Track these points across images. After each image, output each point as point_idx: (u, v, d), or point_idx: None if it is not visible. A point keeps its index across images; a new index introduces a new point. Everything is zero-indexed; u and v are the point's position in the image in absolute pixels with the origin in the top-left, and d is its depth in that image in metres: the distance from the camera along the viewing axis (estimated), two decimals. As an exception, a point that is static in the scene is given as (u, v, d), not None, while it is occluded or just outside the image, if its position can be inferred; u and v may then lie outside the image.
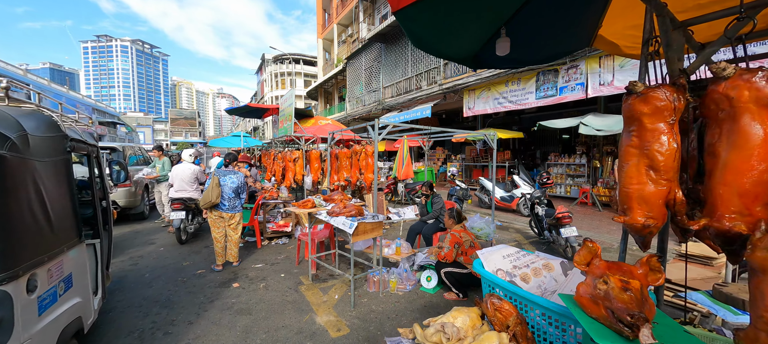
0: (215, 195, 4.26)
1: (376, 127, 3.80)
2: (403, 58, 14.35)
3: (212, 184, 4.29)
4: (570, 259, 4.88)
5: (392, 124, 3.91)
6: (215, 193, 4.27)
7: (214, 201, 4.25)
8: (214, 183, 4.30)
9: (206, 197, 4.25)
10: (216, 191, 4.28)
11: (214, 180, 4.31)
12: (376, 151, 3.79)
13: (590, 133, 7.45)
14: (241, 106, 9.17)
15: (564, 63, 8.16)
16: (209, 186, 4.29)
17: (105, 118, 42.68)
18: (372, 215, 3.46)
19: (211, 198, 4.23)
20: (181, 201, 5.43)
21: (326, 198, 3.86)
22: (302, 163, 6.76)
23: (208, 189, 4.27)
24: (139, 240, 5.94)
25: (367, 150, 3.84)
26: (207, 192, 4.27)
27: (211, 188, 4.26)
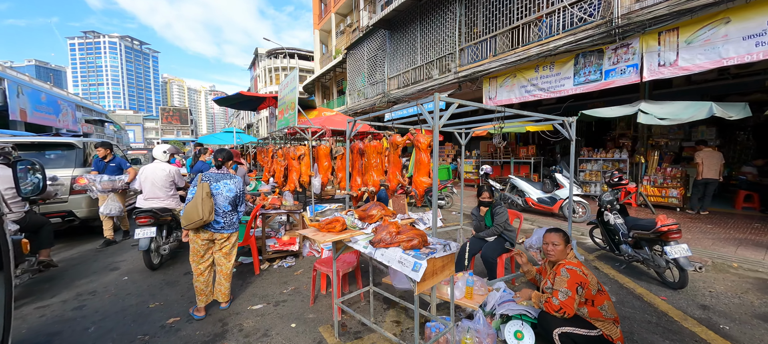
0: (207, 210, 2.87)
1: (437, 106, 2.45)
2: (411, 46, 12.97)
3: (200, 194, 2.88)
4: (677, 287, 3.63)
5: (458, 102, 2.57)
6: (207, 207, 2.87)
7: (206, 218, 2.87)
8: (204, 192, 2.90)
9: (192, 213, 2.84)
10: (207, 204, 2.89)
11: (204, 189, 2.91)
12: (436, 142, 2.46)
13: (652, 122, 6.21)
14: (232, 95, 7.72)
15: (612, 41, 6.90)
16: (196, 198, 2.88)
17: (91, 115, 40.28)
18: (442, 245, 2.12)
19: (202, 214, 2.84)
20: (150, 213, 4.00)
21: (362, 214, 2.51)
22: (308, 160, 5.38)
23: (195, 202, 2.86)
24: (100, 263, 4.50)
25: (419, 141, 2.53)
26: (192, 205, 2.86)
27: (200, 200, 2.86)
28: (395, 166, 3.09)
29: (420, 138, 2.64)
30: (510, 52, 8.91)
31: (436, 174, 2.50)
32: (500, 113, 2.99)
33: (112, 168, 4.91)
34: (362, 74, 16.63)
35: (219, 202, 3.05)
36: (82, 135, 27.09)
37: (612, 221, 4.50)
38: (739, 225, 6.01)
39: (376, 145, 3.39)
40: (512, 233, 3.58)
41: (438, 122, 2.43)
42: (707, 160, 6.78)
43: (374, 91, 15.63)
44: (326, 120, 6.19)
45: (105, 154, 4.96)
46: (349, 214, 2.51)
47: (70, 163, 5.34)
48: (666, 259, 3.70)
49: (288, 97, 6.00)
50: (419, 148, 2.65)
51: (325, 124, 5.73)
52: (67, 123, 23.92)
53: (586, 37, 7.21)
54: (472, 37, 10.53)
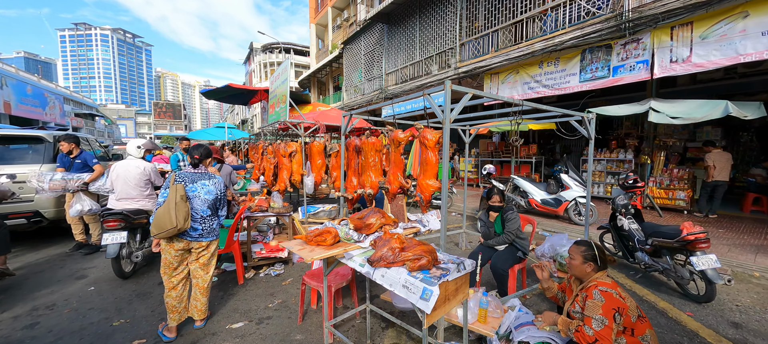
0: (181, 215, 2.46)
1: (448, 98, 2.07)
2: (410, 40, 12.56)
3: (173, 197, 2.47)
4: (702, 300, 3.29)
5: (471, 92, 2.19)
6: (181, 213, 2.46)
7: (180, 225, 2.45)
8: (179, 195, 2.49)
9: (163, 220, 2.42)
10: (182, 209, 2.47)
11: (178, 191, 2.50)
12: (446, 139, 2.09)
13: (664, 121, 5.91)
14: (221, 87, 7.24)
15: (621, 36, 6.56)
16: (168, 201, 2.46)
17: (81, 109, 39.03)
18: (455, 263, 1.74)
19: (175, 221, 2.42)
20: (120, 216, 3.56)
21: (357, 223, 2.12)
22: (300, 158, 4.97)
23: (167, 207, 2.44)
24: (66, 270, 4.05)
25: (426, 138, 2.14)
26: (164, 211, 2.44)
27: (173, 204, 2.44)
28: (396, 166, 2.70)
29: (427, 134, 2.25)
30: (513, 47, 8.55)
31: (446, 176, 2.11)
32: (517, 107, 2.61)
33: (78, 165, 4.42)
34: (359, 69, 16.19)
35: (196, 206, 2.64)
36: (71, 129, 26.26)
37: (626, 226, 4.17)
38: (751, 229, 5.74)
39: (374, 142, 3.00)
40: (525, 241, 3.22)
41: (449, 115, 2.05)
42: (717, 161, 6.52)
43: (371, 87, 15.21)
44: (320, 115, 5.78)
45: (69, 148, 4.45)
46: (343, 224, 2.11)
47: (38, 158, 4.86)
48: (691, 270, 3.37)
49: (279, 89, 5.57)
50: (426, 146, 2.26)
51: (318, 119, 5.32)
52: (54, 116, 23.14)
53: (593, 31, 6.87)
54: (473, 32, 10.15)
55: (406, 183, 2.72)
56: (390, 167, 2.74)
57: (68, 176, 4.16)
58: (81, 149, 4.53)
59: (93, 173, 4.28)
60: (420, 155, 2.35)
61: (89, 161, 4.33)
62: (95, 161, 4.31)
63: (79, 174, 4.24)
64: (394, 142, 2.62)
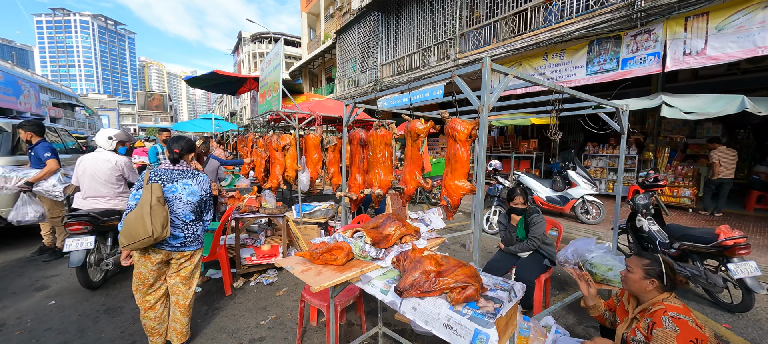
0: (159, 222, 1.99)
1: (486, 80, 1.67)
2: (407, 30, 12.06)
3: (148, 200, 1.99)
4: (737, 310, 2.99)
5: (511, 74, 1.79)
6: (158, 219, 1.99)
7: (158, 234, 1.98)
8: (154, 197, 2.01)
9: (136, 228, 1.95)
10: (160, 214, 2.00)
11: (154, 192, 2.02)
12: (483, 131, 1.69)
13: (677, 116, 5.65)
14: (206, 74, 6.65)
15: (632, 26, 6.26)
16: (141, 205, 1.99)
17: (60, 98, 37.15)
18: (506, 289, 1.35)
19: (151, 229, 1.95)
20: (86, 218, 3.05)
21: (375, 235, 1.70)
22: (294, 152, 4.50)
23: (140, 212, 1.97)
24: (26, 279, 3.51)
25: (455, 129, 1.73)
26: (136, 217, 1.96)
27: (149, 208, 1.97)
28: (413, 163, 2.28)
29: (457, 125, 1.84)
30: (516, 38, 8.18)
31: (482, 178, 1.72)
32: (558, 94, 2.22)
33: (33, 158, 3.83)
34: (353, 60, 15.62)
35: (177, 210, 2.18)
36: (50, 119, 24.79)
37: (646, 228, 3.89)
38: (760, 228, 5.58)
39: (384, 135, 2.58)
40: (551, 247, 2.87)
41: (487, 101, 1.65)
42: (723, 158, 6.35)
43: (366, 79, 14.68)
44: (316, 105, 5.29)
45: (28, 137, 3.85)
46: (358, 237, 1.70)
47: (-8, 149, 4.25)
48: (725, 277, 3.09)
49: (271, 76, 5.06)
50: (456, 140, 1.85)
51: (314, 109, 4.84)
52: (29, 106, 21.83)
53: (603, 21, 6.55)
54: (473, 22, 9.75)
55: (425, 183, 2.32)
56: (406, 164, 2.32)
57: (10, 173, 3.56)
58: (40, 139, 3.93)
59: (42, 170, 3.66)
60: (448, 151, 1.94)
61: (41, 154, 3.71)
62: (49, 155, 3.68)
63: (26, 171, 3.65)
64: (411, 135, 2.20)
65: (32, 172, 3.69)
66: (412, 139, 2.19)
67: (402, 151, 6.57)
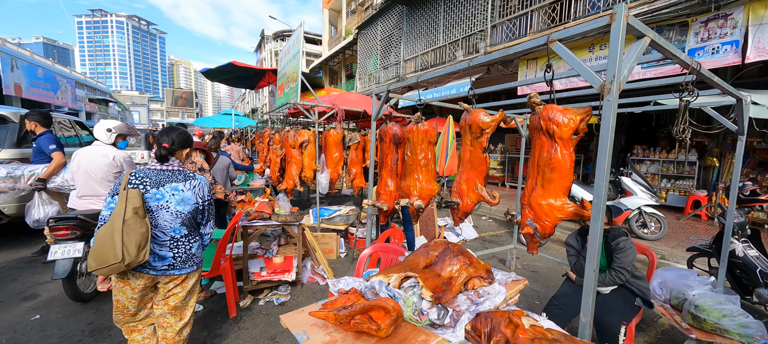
0: (133, 241, 1.49)
1: (620, 42, 1.05)
2: (432, 24, 11.37)
3: (121, 211, 1.50)
4: None
5: (650, 36, 1.16)
6: (133, 237, 1.49)
7: (131, 259, 1.49)
8: (130, 208, 1.52)
9: (104, 249, 1.46)
10: (135, 230, 1.51)
11: (130, 201, 1.53)
12: (610, 123, 1.07)
13: (766, 116, 4.72)
14: (223, 66, 6.27)
15: (704, 10, 5.33)
16: (113, 218, 1.50)
17: (95, 94, 39.03)
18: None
19: (120, 251, 1.46)
20: (74, 222, 2.63)
21: (434, 284, 1.11)
22: (313, 150, 3.98)
23: (110, 228, 1.48)
24: (17, 284, 3.16)
25: (553, 121, 1.15)
26: (105, 234, 1.48)
27: (120, 222, 1.48)
28: (474, 169, 1.65)
29: (555, 116, 1.22)
30: (558, 27, 7.34)
31: (604, 197, 1.09)
32: (689, 76, 1.56)
33: (34, 151, 3.50)
34: (374, 56, 15.09)
35: (163, 223, 1.67)
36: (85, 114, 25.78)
37: (740, 252, 3.09)
38: None
39: (426, 131, 1.98)
40: (643, 281, 2.18)
41: (619, 76, 1.03)
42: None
43: (387, 75, 14.11)
44: (338, 98, 4.76)
45: (32, 127, 3.52)
46: (410, 287, 1.10)
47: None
48: None
49: (289, 66, 4.56)
50: (554, 137, 1.23)
51: (336, 103, 4.30)
52: (66, 100, 22.75)
53: (666, 5, 5.65)
54: (506, 12, 8.94)
55: (491, 197, 1.69)
56: (463, 169, 1.69)
57: (18, 171, 3.22)
58: (45, 131, 3.59)
59: (50, 164, 3.31)
60: (535, 153, 1.31)
61: (45, 147, 3.36)
62: (53, 147, 3.33)
63: (33, 167, 3.30)
64: (472, 131, 1.58)
65: (39, 167, 3.35)
66: (474, 135, 1.58)
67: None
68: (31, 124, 3.58)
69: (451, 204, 1.71)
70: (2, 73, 15.69)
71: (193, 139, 1.94)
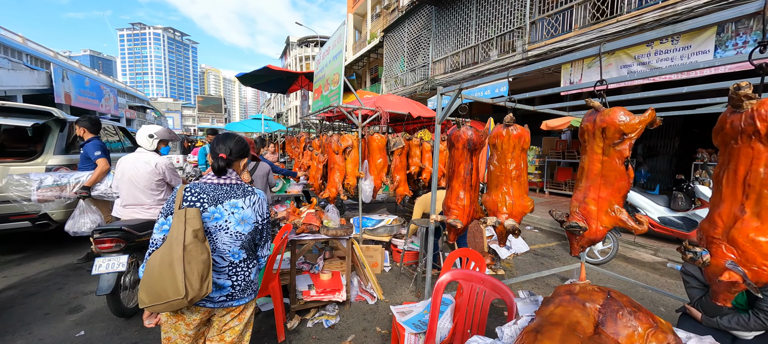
0: (195, 273, 1.21)
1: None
2: (464, 23, 10.93)
3: (179, 236, 1.23)
4: None
5: None
6: (195, 268, 1.21)
7: (195, 293, 1.21)
8: (190, 231, 1.25)
9: (162, 281, 1.19)
10: (198, 259, 1.23)
11: (189, 223, 1.25)
12: None
13: None
14: (258, 70, 6.18)
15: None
16: (169, 245, 1.22)
17: (134, 102, 41.55)
18: None
19: (182, 286, 1.18)
20: (118, 233, 2.47)
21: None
22: (357, 156, 3.70)
23: (168, 257, 1.20)
24: (62, 296, 3.07)
25: None
26: (163, 265, 1.20)
27: (180, 251, 1.20)
28: (609, 185, 1.24)
29: None
30: (609, 21, 6.72)
31: None
32: None
33: (82, 157, 3.44)
34: (401, 58, 14.80)
35: (222, 246, 1.40)
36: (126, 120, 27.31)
37: None
38: None
39: (519, 135, 1.61)
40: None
41: None
42: None
43: (414, 78, 13.78)
44: (379, 100, 4.48)
45: (80, 132, 3.47)
46: None
47: (46, 147, 3.99)
48: None
49: (329, 67, 4.32)
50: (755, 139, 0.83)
51: (378, 105, 4.01)
52: (109, 108, 24.19)
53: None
54: (547, 7, 8.37)
55: (636, 224, 1.29)
56: (588, 185, 1.30)
57: (64, 179, 3.15)
58: (93, 137, 3.53)
59: (94, 171, 3.22)
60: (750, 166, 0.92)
61: (91, 153, 3.28)
62: (98, 154, 3.24)
63: (78, 175, 3.22)
64: (606, 136, 1.20)
65: (84, 175, 3.28)
66: (610, 140, 1.20)
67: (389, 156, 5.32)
68: (80, 129, 3.54)
69: (574, 229, 1.33)
70: (55, 82, 16.84)
71: (249, 146, 1.67)
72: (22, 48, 28.96)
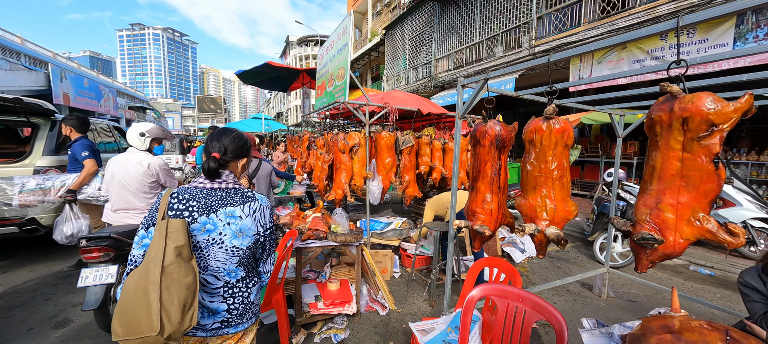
0: (175, 301, 0.97)
1: None
2: (467, 19, 10.68)
3: (159, 251, 1.00)
4: None
5: None
6: (176, 293, 0.97)
7: (174, 328, 0.96)
8: (172, 249, 1.01)
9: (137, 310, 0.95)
10: (179, 281, 0.99)
11: (172, 236, 1.02)
12: None
13: None
14: (258, 66, 5.94)
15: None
16: (145, 267, 0.99)
17: (134, 102, 41.44)
18: None
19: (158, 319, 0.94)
20: (106, 241, 2.24)
21: None
22: (364, 155, 3.46)
23: (143, 280, 0.97)
24: (49, 308, 2.84)
25: None
26: (136, 285, 0.97)
27: (158, 271, 0.97)
28: (692, 189, 1.03)
29: None
30: (621, 14, 6.48)
31: None
32: None
33: (70, 158, 3.20)
34: (403, 56, 14.56)
35: (215, 262, 1.17)
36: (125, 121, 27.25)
37: None
38: None
39: (562, 130, 1.39)
40: None
41: None
42: None
43: (416, 76, 13.54)
44: (387, 96, 4.24)
45: (67, 132, 3.23)
46: None
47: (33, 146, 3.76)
48: None
49: (333, 62, 4.09)
50: None
51: (386, 101, 3.77)
52: (108, 108, 23.95)
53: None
54: (553, 2, 8.13)
55: (731, 237, 1.06)
56: (663, 187, 1.08)
57: (48, 182, 2.91)
58: (80, 136, 3.29)
59: (81, 173, 2.97)
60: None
61: (78, 154, 3.04)
62: (86, 154, 3.00)
63: (64, 177, 2.98)
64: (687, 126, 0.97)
65: (70, 177, 3.03)
66: (693, 133, 0.98)
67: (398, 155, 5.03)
68: (67, 128, 3.30)
69: (647, 242, 1.09)
70: (53, 83, 16.62)
71: (250, 144, 1.43)
72: (20, 48, 28.68)
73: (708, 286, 3.64)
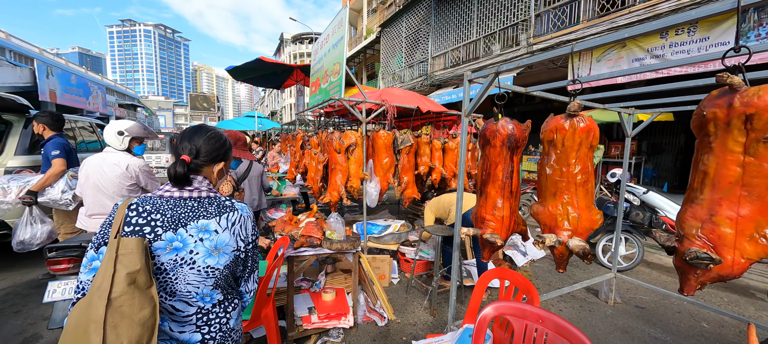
0: (124, 335, 0.78)
1: None
2: (464, 17, 10.54)
3: (106, 280, 0.80)
4: None
5: None
6: (128, 330, 0.78)
7: None
8: (125, 273, 0.81)
9: None
10: (133, 315, 0.79)
11: (123, 260, 0.83)
12: None
13: None
14: (249, 62, 5.71)
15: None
16: (90, 302, 0.79)
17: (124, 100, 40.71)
18: None
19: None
20: (78, 253, 2.02)
21: None
22: (361, 155, 3.28)
23: (86, 311, 0.78)
24: (20, 319, 2.60)
25: None
26: (80, 318, 0.78)
27: (104, 304, 0.78)
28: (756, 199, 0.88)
29: None
30: (621, 12, 6.39)
31: None
32: None
33: (43, 157, 2.95)
34: (399, 54, 14.37)
35: (184, 287, 0.97)
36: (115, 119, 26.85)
37: None
38: None
39: (588, 129, 1.22)
40: None
41: None
42: None
43: (412, 74, 13.38)
44: (384, 93, 4.06)
45: (40, 130, 2.98)
46: None
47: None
48: None
49: (328, 57, 3.89)
50: None
51: (384, 98, 3.59)
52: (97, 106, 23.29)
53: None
54: (551, 0, 8.02)
55: None
56: (719, 197, 0.93)
57: (11, 183, 2.67)
58: (54, 134, 3.04)
59: (46, 173, 2.72)
60: None
61: (49, 153, 2.79)
62: (56, 153, 2.76)
63: (27, 178, 2.74)
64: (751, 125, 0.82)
65: (34, 178, 2.79)
66: (762, 134, 0.81)
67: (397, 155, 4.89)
68: (40, 126, 3.04)
69: (702, 261, 0.94)
70: (38, 79, 16.02)
71: (230, 145, 1.23)
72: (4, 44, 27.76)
73: (711, 289, 3.55)
